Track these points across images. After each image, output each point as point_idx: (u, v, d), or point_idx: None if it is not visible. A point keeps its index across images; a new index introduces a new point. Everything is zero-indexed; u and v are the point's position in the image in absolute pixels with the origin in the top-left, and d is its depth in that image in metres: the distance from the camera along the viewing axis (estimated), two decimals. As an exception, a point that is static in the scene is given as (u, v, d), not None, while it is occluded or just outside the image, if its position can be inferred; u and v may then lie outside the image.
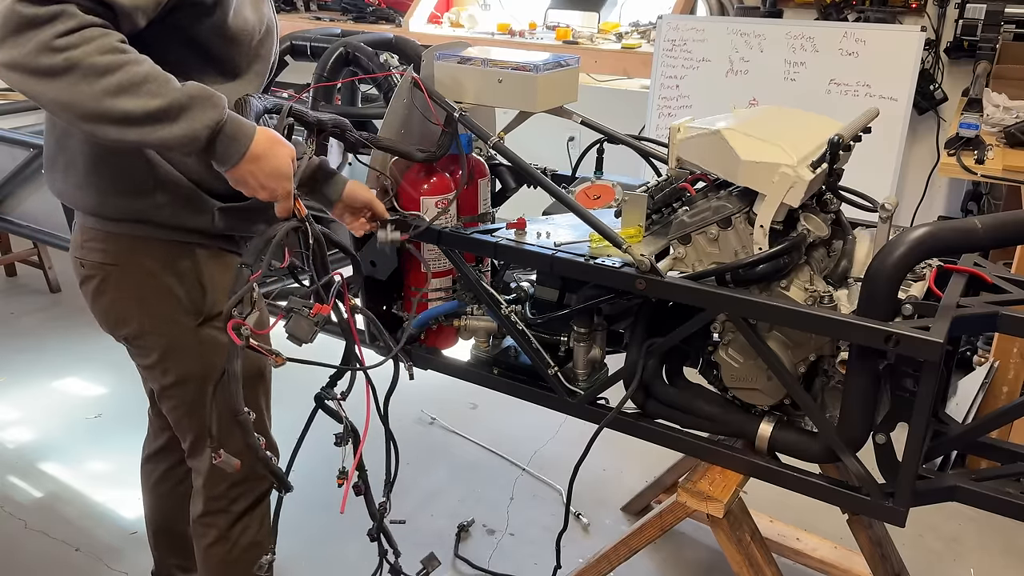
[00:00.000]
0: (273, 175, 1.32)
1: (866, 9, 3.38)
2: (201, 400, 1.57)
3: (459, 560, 2.33)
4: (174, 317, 1.51)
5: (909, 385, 1.40)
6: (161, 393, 1.60)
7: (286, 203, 1.36)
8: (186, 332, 1.52)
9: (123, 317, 1.53)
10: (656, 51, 3.53)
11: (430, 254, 1.85)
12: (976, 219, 1.35)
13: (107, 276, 1.50)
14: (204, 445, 1.61)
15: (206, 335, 1.53)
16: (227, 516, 1.67)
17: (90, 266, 1.50)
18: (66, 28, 1.14)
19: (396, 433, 1.71)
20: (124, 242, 1.46)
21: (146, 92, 1.19)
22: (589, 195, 1.95)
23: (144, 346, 1.56)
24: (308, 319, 1.31)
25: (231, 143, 1.27)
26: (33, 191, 2.83)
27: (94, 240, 1.48)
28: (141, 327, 1.53)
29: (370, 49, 2.09)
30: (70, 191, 1.48)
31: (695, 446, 1.65)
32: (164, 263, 1.48)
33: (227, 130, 1.26)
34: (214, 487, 1.65)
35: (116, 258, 1.48)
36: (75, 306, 3.80)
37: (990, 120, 2.75)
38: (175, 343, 1.53)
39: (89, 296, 1.55)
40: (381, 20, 4.57)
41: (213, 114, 1.24)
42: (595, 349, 1.75)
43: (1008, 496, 1.41)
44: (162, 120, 1.20)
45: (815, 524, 2.32)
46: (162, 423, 1.86)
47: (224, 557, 1.69)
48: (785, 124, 1.61)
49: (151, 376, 1.59)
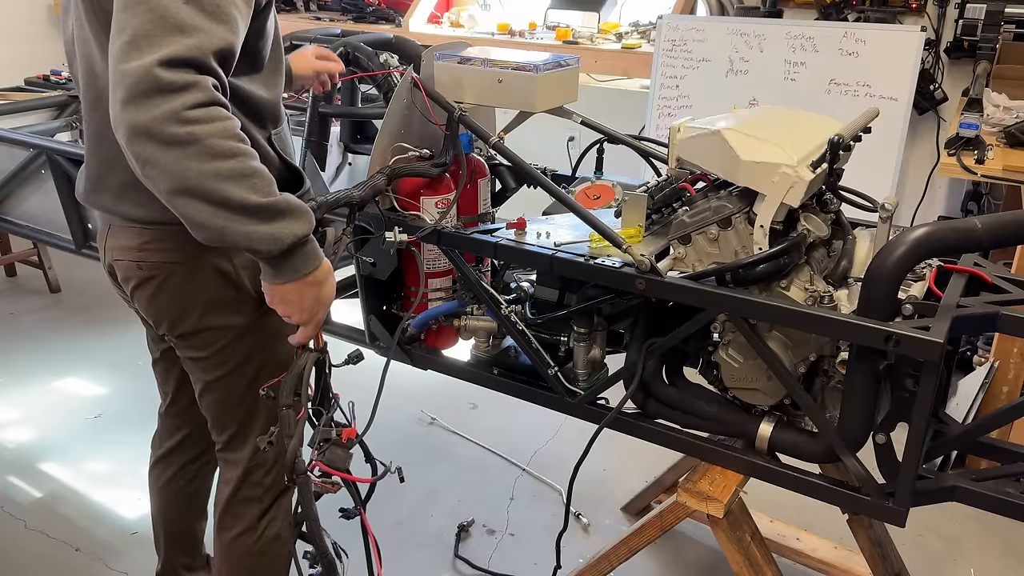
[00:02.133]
0: (320, 303, 1.39)
1: (866, 9, 3.38)
2: (250, 390, 1.58)
3: (459, 560, 2.33)
4: (238, 308, 1.52)
5: (909, 385, 1.40)
6: (211, 384, 1.60)
7: (313, 332, 1.42)
8: (249, 320, 1.54)
9: (187, 313, 1.53)
10: (656, 51, 3.53)
11: (430, 254, 1.85)
12: (976, 219, 1.35)
13: (171, 274, 1.49)
14: (247, 435, 1.63)
15: (266, 323, 1.54)
16: (259, 505, 1.69)
17: (150, 266, 1.49)
18: (196, 101, 1.16)
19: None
20: (188, 238, 1.45)
21: (251, 186, 1.22)
22: (589, 195, 1.95)
23: (205, 339, 1.55)
24: (342, 446, 1.38)
25: (302, 260, 1.32)
26: (33, 191, 2.83)
27: (155, 240, 1.47)
28: (205, 321, 1.53)
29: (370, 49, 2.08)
30: (125, 208, 1.47)
31: (695, 446, 1.65)
32: (229, 255, 1.49)
33: (306, 248, 1.32)
34: (251, 475, 1.67)
35: (180, 255, 1.47)
36: (75, 306, 3.80)
37: (990, 120, 2.75)
38: (238, 333, 1.54)
39: (147, 297, 1.53)
40: (381, 20, 4.56)
41: (303, 227, 1.29)
42: (595, 349, 1.75)
43: (1008, 496, 1.41)
44: (256, 216, 1.23)
45: (815, 524, 2.32)
46: (178, 422, 1.88)
47: (250, 548, 1.70)
48: (785, 124, 1.61)
49: (205, 369, 1.59)
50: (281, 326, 1.47)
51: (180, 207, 1.21)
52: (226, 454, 1.69)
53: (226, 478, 1.70)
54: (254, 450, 1.64)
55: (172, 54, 1.15)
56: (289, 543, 1.72)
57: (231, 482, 1.69)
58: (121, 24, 1.17)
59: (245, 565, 1.72)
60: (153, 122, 1.14)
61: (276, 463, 1.67)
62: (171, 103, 1.14)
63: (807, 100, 3.19)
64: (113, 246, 1.54)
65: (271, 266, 1.31)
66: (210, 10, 1.20)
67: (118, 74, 1.15)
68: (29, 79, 3.59)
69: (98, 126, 1.46)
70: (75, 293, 3.92)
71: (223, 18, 1.22)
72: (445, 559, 2.32)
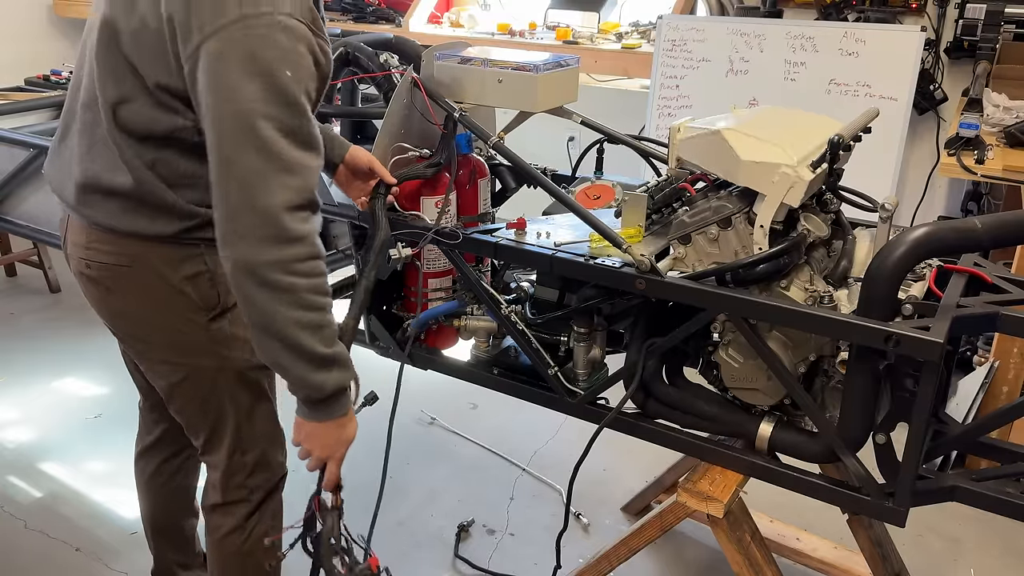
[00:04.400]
0: (340, 442, 1.45)
1: (866, 9, 3.38)
2: (213, 394, 1.58)
3: (459, 560, 2.33)
4: (186, 315, 1.51)
5: (909, 385, 1.40)
6: (171, 392, 1.60)
7: (337, 469, 1.46)
8: (198, 328, 1.53)
9: (133, 317, 1.53)
10: (656, 51, 3.53)
11: (430, 254, 1.85)
12: (976, 219, 1.35)
13: (117, 277, 1.49)
14: (220, 439, 1.63)
15: (217, 330, 1.54)
16: (247, 505, 1.69)
17: (97, 267, 1.49)
18: (306, 255, 1.28)
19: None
20: (134, 244, 1.46)
21: (322, 338, 1.32)
22: (589, 195, 1.95)
23: (154, 344, 1.55)
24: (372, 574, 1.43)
25: (336, 406, 1.40)
26: (33, 191, 2.83)
27: (102, 242, 1.47)
28: (152, 326, 1.53)
29: (370, 49, 2.08)
30: (78, 205, 1.47)
31: (695, 446, 1.65)
32: (176, 262, 1.48)
33: (343, 396, 1.41)
34: (233, 477, 1.67)
35: (127, 259, 1.47)
36: (75, 306, 3.80)
37: (990, 120, 2.75)
38: (187, 339, 1.53)
39: (94, 297, 1.54)
40: (381, 20, 4.56)
41: (347, 378, 1.39)
42: (595, 349, 1.75)
43: (1008, 496, 1.41)
44: (314, 364, 1.33)
45: (815, 524, 2.32)
46: (155, 417, 1.87)
47: (239, 548, 1.70)
48: (785, 124, 1.61)
49: (160, 374, 1.59)
50: (234, 331, 1.52)
51: (255, 336, 1.32)
52: (205, 457, 1.70)
53: (211, 480, 1.70)
54: (230, 454, 1.63)
55: (291, 201, 1.25)
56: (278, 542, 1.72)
57: (216, 484, 1.68)
58: (226, 156, 1.24)
59: (235, 564, 1.72)
60: (263, 266, 1.25)
61: (256, 466, 1.66)
62: (284, 253, 1.25)
63: (807, 100, 3.19)
64: (70, 239, 1.54)
65: (309, 407, 1.39)
66: (305, 140, 1.27)
67: (239, 208, 1.24)
68: (29, 79, 3.58)
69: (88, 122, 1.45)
70: (75, 293, 3.89)
71: (315, 145, 1.30)
72: (445, 559, 2.32)
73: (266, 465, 1.68)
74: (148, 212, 1.43)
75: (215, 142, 1.25)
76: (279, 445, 1.71)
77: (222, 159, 1.25)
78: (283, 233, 1.25)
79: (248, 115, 1.22)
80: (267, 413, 1.66)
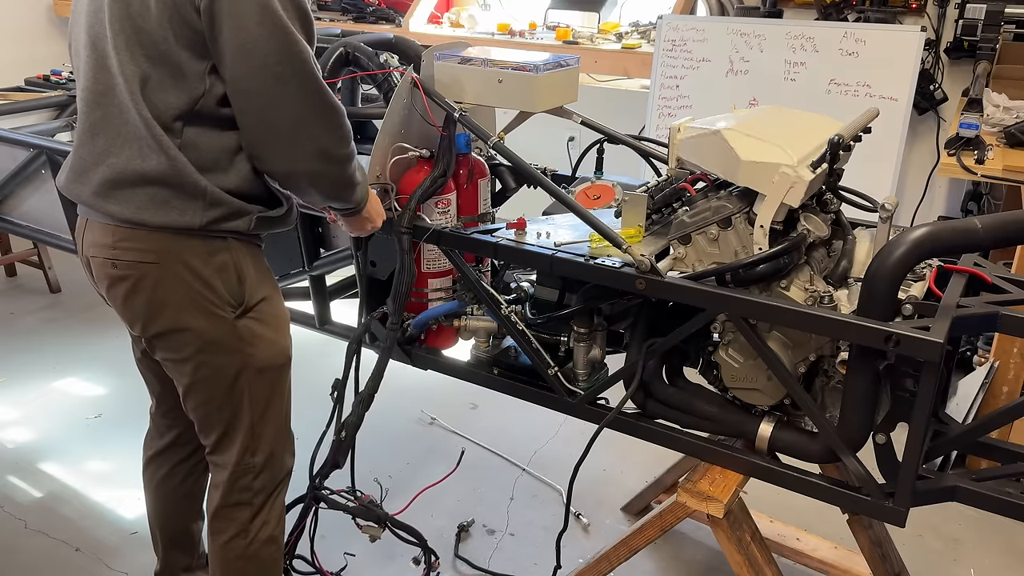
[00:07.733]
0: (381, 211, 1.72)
1: (866, 9, 3.38)
2: (232, 393, 1.59)
3: (459, 560, 2.32)
4: (212, 311, 1.52)
5: (909, 385, 1.40)
6: (191, 388, 1.60)
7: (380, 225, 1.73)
8: (224, 324, 1.54)
9: (160, 314, 1.53)
10: (656, 51, 3.53)
11: (430, 254, 1.85)
12: (976, 219, 1.35)
13: (145, 274, 1.49)
14: (232, 438, 1.63)
15: (243, 326, 1.55)
16: (250, 509, 1.69)
17: (125, 266, 1.49)
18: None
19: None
20: (163, 239, 1.46)
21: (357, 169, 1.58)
22: (589, 195, 1.95)
23: (180, 341, 1.55)
24: None
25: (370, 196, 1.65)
26: (33, 191, 2.83)
27: (130, 239, 1.48)
28: (178, 322, 1.53)
29: (370, 49, 2.08)
30: (104, 204, 1.47)
31: (695, 446, 1.65)
32: (204, 257, 1.50)
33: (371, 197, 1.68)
34: (239, 480, 1.67)
35: (156, 256, 1.48)
36: (75, 306, 3.80)
37: (990, 120, 2.75)
38: (214, 336, 1.54)
39: (121, 296, 1.53)
40: (381, 20, 4.56)
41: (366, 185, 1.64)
42: (595, 349, 1.75)
43: (1008, 496, 1.41)
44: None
45: (815, 524, 2.32)
46: (168, 422, 1.87)
47: (243, 551, 1.70)
48: (785, 124, 1.61)
49: (183, 371, 1.59)
50: (259, 330, 1.56)
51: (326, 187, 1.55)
52: (214, 457, 1.69)
53: (215, 482, 1.70)
54: (241, 453, 1.64)
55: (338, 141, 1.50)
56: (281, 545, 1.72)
57: (220, 486, 1.68)
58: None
59: (238, 568, 1.72)
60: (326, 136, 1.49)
61: (263, 468, 1.67)
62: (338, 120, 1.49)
63: (807, 100, 3.19)
64: (90, 241, 1.54)
65: (355, 205, 1.63)
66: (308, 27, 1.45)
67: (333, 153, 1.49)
68: (29, 79, 3.58)
69: (98, 120, 1.46)
70: (75, 293, 3.91)
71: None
72: (445, 559, 2.32)
73: (273, 467, 1.68)
74: (179, 202, 1.45)
75: (246, 41, 1.35)
76: (288, 448, 1.72)
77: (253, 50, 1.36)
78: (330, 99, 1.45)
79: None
80: (281, 415, 1.67)
